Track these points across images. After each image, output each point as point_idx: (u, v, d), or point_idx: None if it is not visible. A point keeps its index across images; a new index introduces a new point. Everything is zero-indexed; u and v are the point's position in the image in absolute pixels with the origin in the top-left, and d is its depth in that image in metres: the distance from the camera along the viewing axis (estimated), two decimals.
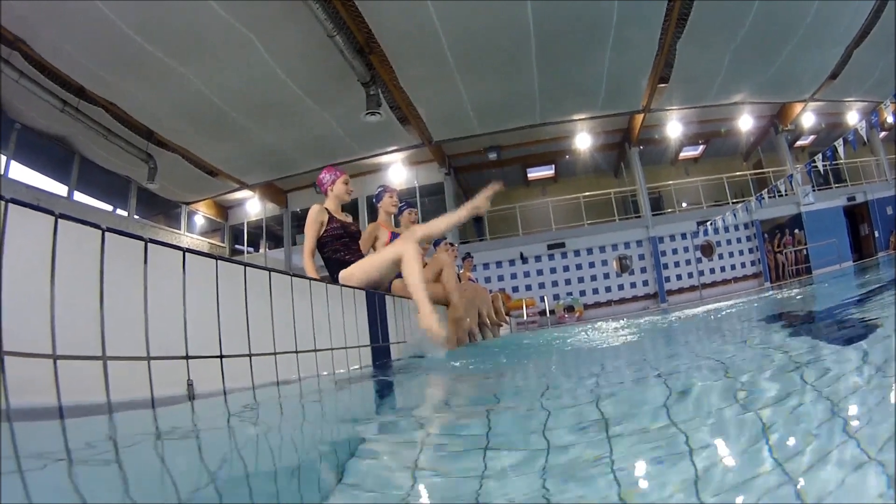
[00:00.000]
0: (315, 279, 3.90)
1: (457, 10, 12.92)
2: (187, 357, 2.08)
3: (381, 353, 4.16)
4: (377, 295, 4.37)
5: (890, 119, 12.50)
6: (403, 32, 13.57)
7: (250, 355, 2.44)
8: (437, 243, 8.63)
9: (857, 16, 16.00)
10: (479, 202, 4.76)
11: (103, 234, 1.85)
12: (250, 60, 13.55)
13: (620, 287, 22.44)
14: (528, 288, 22.26)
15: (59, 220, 1.71)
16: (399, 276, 4.87)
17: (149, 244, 2.01)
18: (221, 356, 2.25)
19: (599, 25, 14.51)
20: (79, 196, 18.08)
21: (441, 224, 4.99)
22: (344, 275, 4.83)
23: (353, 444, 1.43)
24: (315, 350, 3.09)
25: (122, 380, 1.81)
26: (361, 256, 5.17)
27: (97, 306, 1.79)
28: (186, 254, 2.17)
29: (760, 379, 1.59)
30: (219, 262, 2.34)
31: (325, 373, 3.16)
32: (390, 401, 2.47)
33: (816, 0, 14.63)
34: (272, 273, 2.74)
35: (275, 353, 2.64)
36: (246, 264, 2.53)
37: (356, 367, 3.63)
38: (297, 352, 2.86)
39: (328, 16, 11.57)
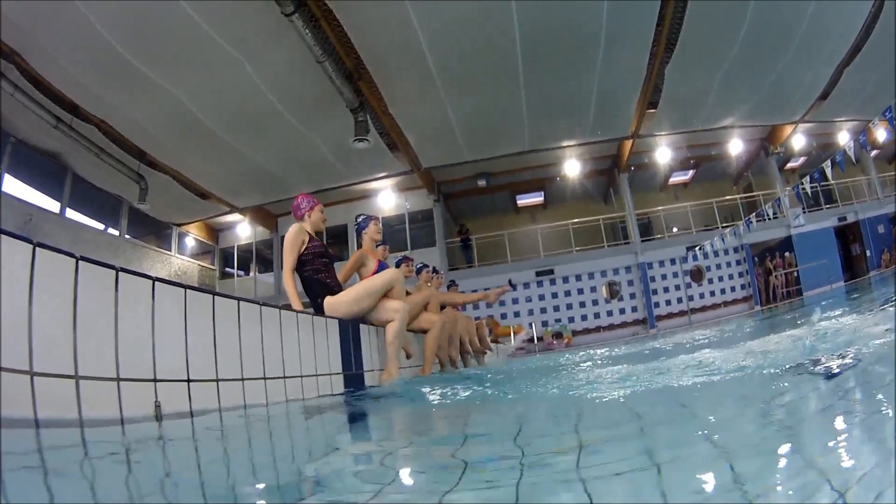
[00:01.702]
0: (291, 303, 4.04)
1: (445, 37, 13.12)
2: (155, 380, 2.18)
3: (353, 381, 4.24)
4: (351, 324, 4.45)
5: (880, 138, 12.56)
6: (392, 59, 13.73)
7: (217, 380, 2.53)
8: (419, 270, 8.64)
9: (847, 35, 16.16)
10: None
11: (77, 263, 1.98)
12: (240, 83, 13.69)
13: (609, 313, 22.49)
14: (517, 315, 22.32)
15: (37, 248, 1.83)
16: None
17: (119, 272, 2.12)
18: (189, 380, 2.36)
19: (587, 52, 14.67)
20: (71, 213, 18.07)
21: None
22: (330, 302, 4.88)
23: None
24: (284, 377, 3.18)
25: (93, 398, 1.92)
26: (338, 281, 5.23)
27: (71, 329, 1.91)
28: (156, 282, 2.28)
29: None
30: (187, 290, 2.45)
31: (293, 398, 3.25)
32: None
33: (806, 19, 14.75)
34: (241, 301, 2.85)
35: (242, 380, 2.73)
36: (214, 293, 2.64)
37: (327, 393, 3.71)
38: (265, 378, 2.95)
39: (317, 41, 11.71)
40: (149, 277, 2.26)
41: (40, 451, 1.63)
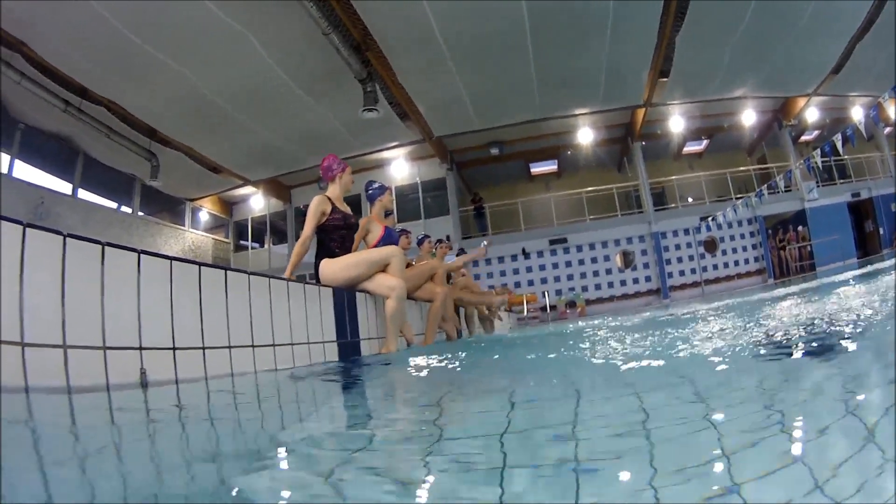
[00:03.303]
0: (288, 273, 4.13)
1: (451, 5, 13.03)
2: (141, 348, 2.29)
3: (348, 349, 4.33)
4: (346, 293, 4.53)
5: (892, 115, 12.37)
6: (399, 29, 13.69)
7: (203, 348, 2.63)
8: (420, 241, 8.70)
9: (858, 9, 15.88)
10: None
11: (65, 239, 2.07)
12: (247, 58, 13.74)
13: (623, 283, 22.49)
14: (531, 283, 22.38)
15: (27, 228, 1.94)
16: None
17: (105, 247, 2.22)
18: (174, 348, 2.46)
19: (596, 19, 14.55)
20: (83, 194, 18.35)
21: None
22: (324, 264, 4.96)
23: None
24: (273, 345, 3.28)
25: (80, 366, 2.04)
26: (349, 251, 5.28)
27: (59, 301, 2.02)
28: (141, 255, 2.37)
29: None
30: (173, 262, 2.55)
31: (283, 366, 3.34)
32: None
33: None
34: (228, 271, 2.93)
35: (229, 347, 2.83)
36: (201, 264, 2.73)
37: (319, 361, 3.80)
38: (253, 346, 3.05)
39: (322, 14, 11.69)
40: (134, 250, 2.35)
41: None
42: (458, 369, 3.30)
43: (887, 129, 23.34)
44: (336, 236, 5.14)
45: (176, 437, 1.68)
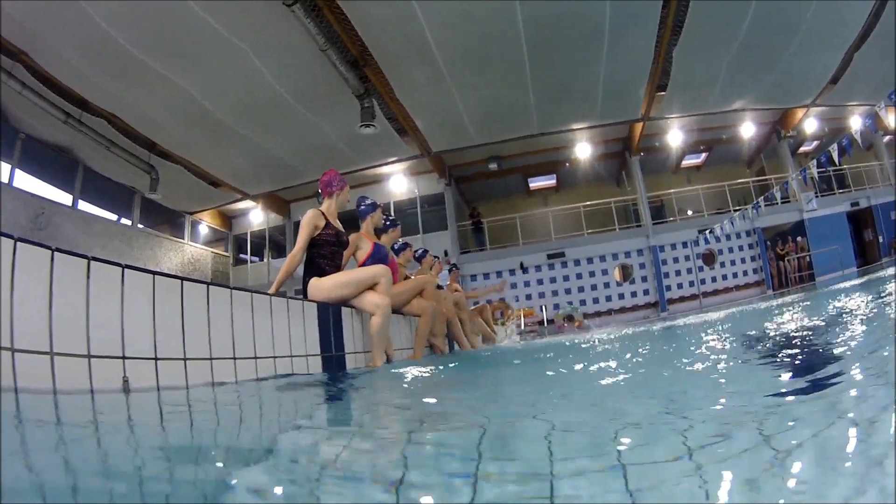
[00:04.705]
0: (274, 289, 4.23)
1: (448, 22, 13.20)
2: (123, 357, 2.41)
3: (333, 363, 4.41)
4: (331, 307, 4.62)
5: (890, 123, 12.39)
6: (397, 45, 13.85)
7: (185, 359, 2.75)
8: (421, 256, 8.82)
9: (855, 19, 16.01)
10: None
11: (53, 253, 2.20)
12: (246, 73, 13.93)
13: (621, 296, 22.51)
14: (528, 297, 22.43)
15: (18, 242, 2.06)
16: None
17: (91, 261, 2.34)
18: (156, 358, 2.58)
19: (592, 34, 14.67)
20: (83, 205, 18.50)
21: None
22: (313, 284, 5.04)
23: None
24: (255, 357, 3.39)
25: (65, 372, 2.18)
26: (338, 269, 5.35)
27: (46, 312, 2.14)
28: (125, 269, 2.49)
29: None
30: (156, 276, 2.67)
31: (264, 377, 3.45)
32: None
33: (814, 2, 14.64)
34: (210, 286, 3.05)
35: (210, 359, 2.94)
36: (183, 278, 2.85)
37: (302, 373, 3.90)
38: (234, 358, 3.16)
39: (320, 30, 11.86)
40: (118, 265, 2.47)
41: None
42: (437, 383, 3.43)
43: (886, 138, 23.40)
44: (326, 252, 5.18)
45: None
